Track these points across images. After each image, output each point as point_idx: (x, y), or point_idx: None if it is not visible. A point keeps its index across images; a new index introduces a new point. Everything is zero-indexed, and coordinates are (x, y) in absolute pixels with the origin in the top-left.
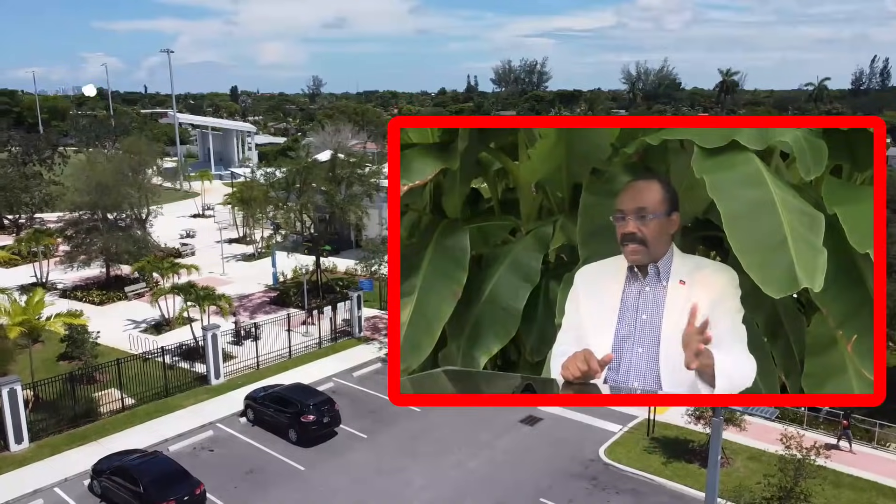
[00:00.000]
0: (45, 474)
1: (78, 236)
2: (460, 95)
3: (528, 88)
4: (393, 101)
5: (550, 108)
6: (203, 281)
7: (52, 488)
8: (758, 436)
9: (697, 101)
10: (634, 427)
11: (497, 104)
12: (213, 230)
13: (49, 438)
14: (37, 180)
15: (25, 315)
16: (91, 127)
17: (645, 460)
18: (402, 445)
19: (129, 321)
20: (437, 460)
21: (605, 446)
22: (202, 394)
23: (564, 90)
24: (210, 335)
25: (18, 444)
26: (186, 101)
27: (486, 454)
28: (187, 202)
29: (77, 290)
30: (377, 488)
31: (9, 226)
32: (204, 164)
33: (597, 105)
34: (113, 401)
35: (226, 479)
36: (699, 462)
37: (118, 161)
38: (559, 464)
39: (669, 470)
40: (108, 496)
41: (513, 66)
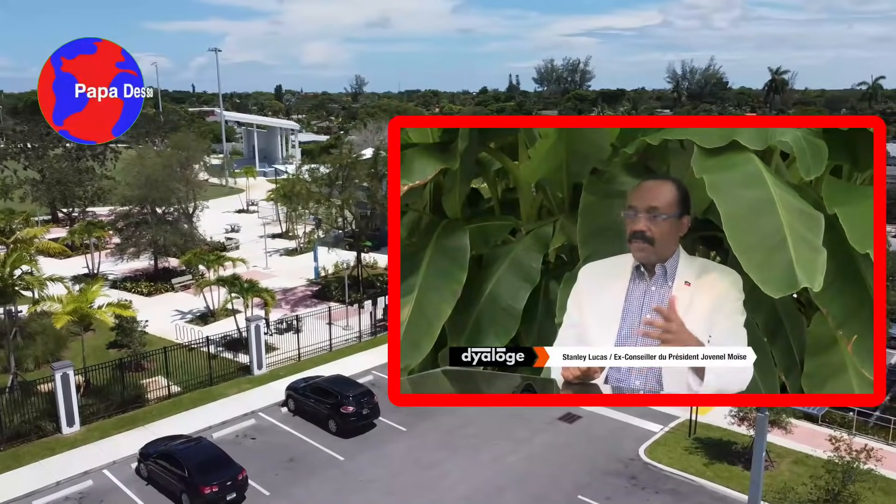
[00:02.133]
0: (95, 456)
1: (128, 229)
2: (502, 95)
3: (570, 88)
4: (434, 100)
5: (593, 107)
6: (246, 274)
7: (101, 470)
8: (804, 439)
9: (745, 101)
10: (675, 427)
11: (539, 103)
12: (256, 225)
13: (99, 422)
14: (89, 175)
15: (76, 303)
16: (142, 123)
17: (686, 461)
18: (440, 439)
19: (176, 312)
20: (475, 454)
21: (646, 445)
22: (245, 383)
23: (607, 89)
24: (253, 326)
25: (70, 426)
26: (232, 99)
27: (524, 450)
28: (232, 198)
29: (126, 282)
30: (414, 480)
31: (63, 219)
32: (249, 160)
33: (640, 104)
34: (160, 388)
35: (267, 467)
36: (742, 464)
37: (167, 157)
38: (598, 461)
39: (711, 471)
40: (154, 479)
41: (555, 65)
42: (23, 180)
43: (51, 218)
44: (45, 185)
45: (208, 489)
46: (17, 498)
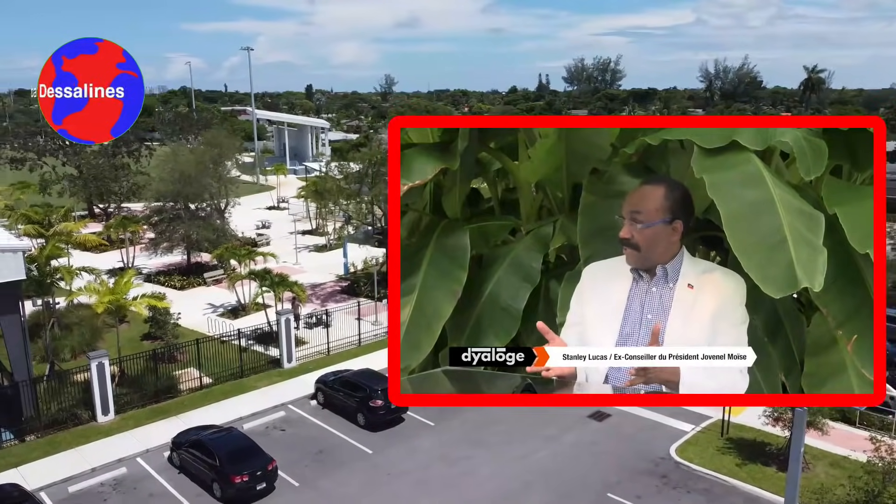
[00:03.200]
0: (129, 445)
1: (162, 224)
2: (531, 94)
3: (600, 87)
4: (463, 100)
5: (623, 106)
6: (277, 270)
7: (134, 458)
8: (841, 441)
9: (780, 100)
10: (708, 427)
11: (569, 103)
12: (287, 221)
13: (132, 411)
14: (125, 171)
15: (113, 295)
16: (175, 121)
17: (718, 461)
18: (468, 435)
19: (208, 305)
20: (503, 451)
21: (677, 445)
22: (275, 376)
23: (638, 89)
24: (284, 320)
25: (105, 415)
26: (263, 99)
27: (553, 447)
28: (263, 195)
29: (160, 275)
30: (442, 475)
31: (99, 214)
32: (279, 158)
33: (672, 104)
34: (191, 379)
35: (296, 458)
36: (777, 465)
37: (200, 153)
38: (628, 460)
39: (745, 472)
40: (186, 468)
41: (585, 64)
42: (61, 176)
43: (87, 213)
44: (82, 180)
45: (239, 478)
46: (55, 483)
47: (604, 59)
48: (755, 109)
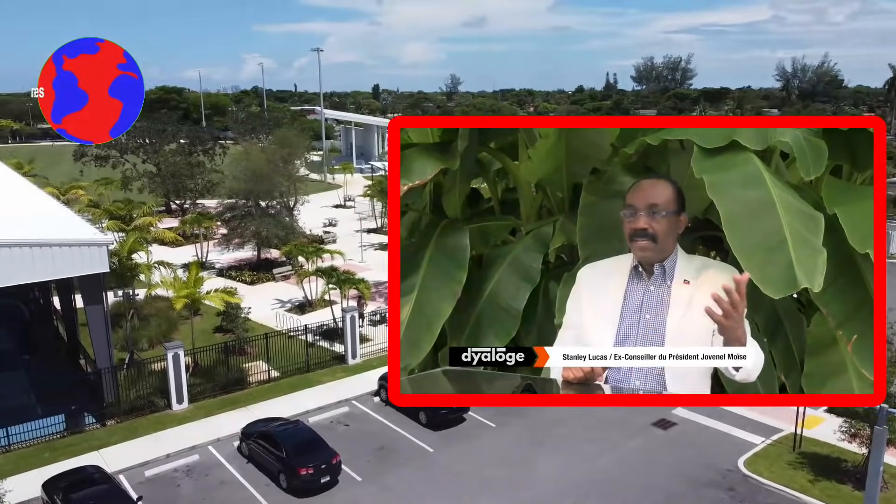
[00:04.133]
0: (201, 433)
1: (234, 221)
2: (598, 94)
3: (670, 86)
4: (529, 100)
5: (694, 106)
6: (343, 267)
7: (206, 446)
8: None
9: (862, 100)
10: (779, 440)
11: (637, 102)
12: (353, 220)
13: (204, 401)
14: (200, 169)
15: (189, 289)
16: (248, 120)
17: (789, 476)
18: (530, 437)
19: (276, 300)
20: (564, 455)
21: (745, 457)
22: (339, 372)
23: (710, 88)
24: (349, 317)
25: (179, 404)
26: (331, 98)
27: (616, 454)
28: (330, 193)
29: (231, 270)
30: (501, 476)
31: (175, 210)
32: (346, 157)
33: (746, 103)
34: (260, 372)
35: (359, 453)
36: (853, 483)
37: (271, 152)
38: (693, 471)
39: (818, 488)
40: (254, 458)
41: (655, 63)
42: (141, 173)
43: (165, 209)
44: (160, 177)
45: (304, 470)
46: (132, 466)
47: (674, 58)
48: (835, 109)
